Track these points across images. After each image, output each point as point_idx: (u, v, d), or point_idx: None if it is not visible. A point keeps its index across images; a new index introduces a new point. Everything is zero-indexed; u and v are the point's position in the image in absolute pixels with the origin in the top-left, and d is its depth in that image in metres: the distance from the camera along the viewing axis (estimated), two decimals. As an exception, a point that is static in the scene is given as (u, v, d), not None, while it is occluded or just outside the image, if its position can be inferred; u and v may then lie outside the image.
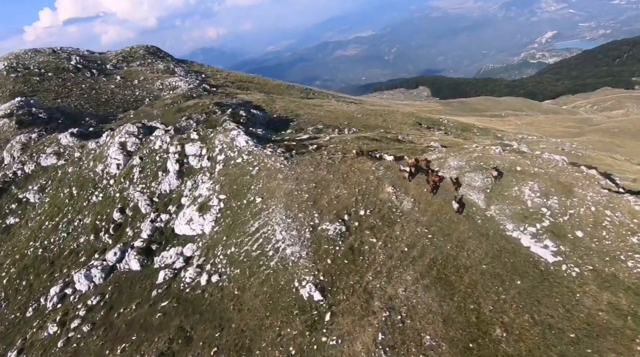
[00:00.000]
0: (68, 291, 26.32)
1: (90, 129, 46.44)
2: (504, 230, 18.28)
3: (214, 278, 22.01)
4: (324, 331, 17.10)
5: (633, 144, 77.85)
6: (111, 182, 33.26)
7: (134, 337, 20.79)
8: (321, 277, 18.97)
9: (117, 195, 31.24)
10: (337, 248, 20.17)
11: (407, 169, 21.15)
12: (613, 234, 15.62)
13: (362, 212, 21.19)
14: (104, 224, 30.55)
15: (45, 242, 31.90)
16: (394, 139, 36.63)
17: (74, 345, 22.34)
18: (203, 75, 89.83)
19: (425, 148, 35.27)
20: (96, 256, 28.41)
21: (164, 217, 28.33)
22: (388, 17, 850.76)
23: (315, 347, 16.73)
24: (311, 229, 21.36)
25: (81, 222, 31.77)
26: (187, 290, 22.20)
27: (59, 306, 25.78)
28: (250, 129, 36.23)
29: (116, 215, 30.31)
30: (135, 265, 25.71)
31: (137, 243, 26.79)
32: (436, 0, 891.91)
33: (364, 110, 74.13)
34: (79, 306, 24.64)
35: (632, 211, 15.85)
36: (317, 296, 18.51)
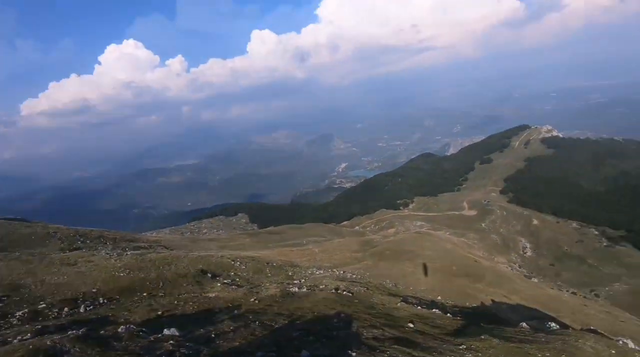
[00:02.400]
0: None
1: None
2: None
3: None
4: None
5: (398, 266, 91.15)
6: None
7: None
8: None
9: None
10: None
11: None
12: None
13: None
14: None
15: None
16: (99, 343, 26.72)
17: None
18: None
19: None
20: None
21: None
22: (209, 148, 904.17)
23: None
24: None
25: None
26: None
27: None
28: None
29: None
30: None
31: None
32: (253, 136, 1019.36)
33: (137, 264, 61.92)
34: None
35: None
36: None
